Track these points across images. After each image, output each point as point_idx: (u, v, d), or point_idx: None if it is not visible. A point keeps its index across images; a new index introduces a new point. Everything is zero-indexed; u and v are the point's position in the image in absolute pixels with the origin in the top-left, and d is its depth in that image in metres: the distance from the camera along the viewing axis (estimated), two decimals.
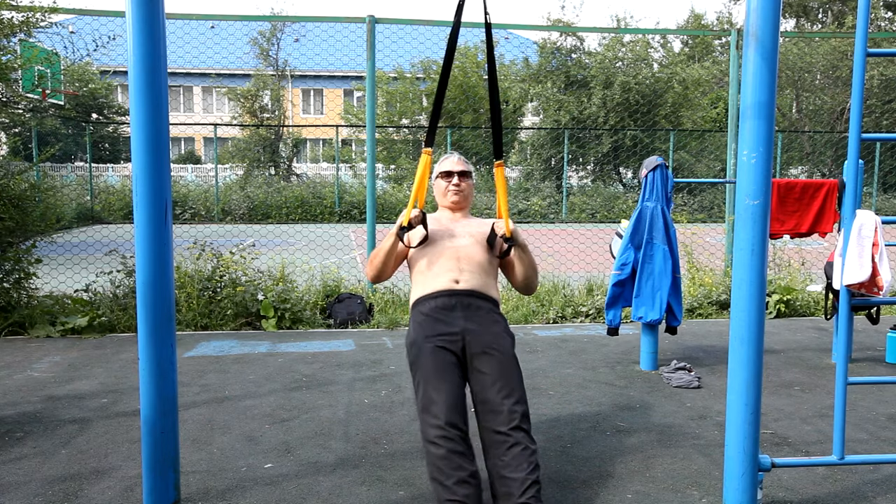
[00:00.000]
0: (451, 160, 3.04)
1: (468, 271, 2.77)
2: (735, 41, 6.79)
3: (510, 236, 2.77)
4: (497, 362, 2.54)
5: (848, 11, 26.59)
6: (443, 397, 2.40)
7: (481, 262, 2.82)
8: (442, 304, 2.69)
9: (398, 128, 24.87)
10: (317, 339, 5.30)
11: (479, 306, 2.71)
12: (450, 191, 2.98)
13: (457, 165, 3.00)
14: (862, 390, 4.01)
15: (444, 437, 2.31)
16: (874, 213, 2.63)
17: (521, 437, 2.37)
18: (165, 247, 2.24)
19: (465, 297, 2.71)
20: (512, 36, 29.07)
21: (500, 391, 2.46)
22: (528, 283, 2.95)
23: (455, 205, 3.00)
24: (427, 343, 2.58)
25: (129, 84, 2.17)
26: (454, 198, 2.98)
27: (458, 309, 2.68)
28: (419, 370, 2.53)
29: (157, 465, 2.26)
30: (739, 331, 2.38)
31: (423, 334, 2.62)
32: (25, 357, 4.71)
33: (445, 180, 2.99)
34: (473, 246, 2.85)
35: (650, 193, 4.40)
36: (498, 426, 2.39)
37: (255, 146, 24.41)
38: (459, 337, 2.60)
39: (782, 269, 6.92)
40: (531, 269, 2.91)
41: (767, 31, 2.25)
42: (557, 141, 20.75)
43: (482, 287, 2.77)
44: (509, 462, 2.31)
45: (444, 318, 2.65)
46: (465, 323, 2.64)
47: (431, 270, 2.78)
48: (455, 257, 2.79)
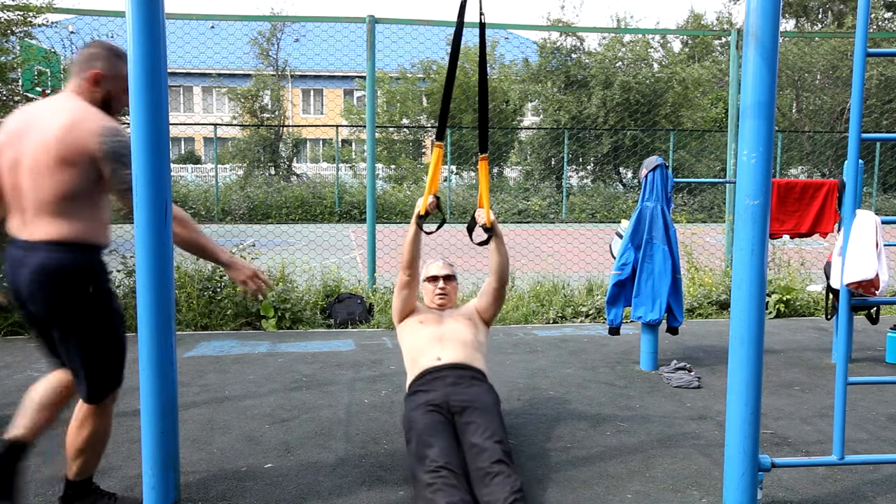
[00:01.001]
0: (436, 265, 3.33)
1: (450, 348, 2.99)
2: (735, 41, 6.79)
3: (490, 226, 3.02)
4: (479, 413, 2.69)
5: (848, 11, 26.59)
6: (436, 446, 2.50)
7: (464, 339, 3.05)
8: (427, 380, 2.89)
9: (398, 128, 24.86)
10: (317, 339, 5.29)
11: (461, 375, 2.89)
12: (436, 295, 3.26)
13: (441, 270, 3.30)
14: (862, 390, 4.01)
15: (438, 476, 2.37)
16: (874, 213, 2.63)
17: (502, 469, 2.43)
18: (165, 247, 2.24)
19: (448, 370, 2.91)
20: (512, 36, 29.03)
21: (482, 433, 2.58)
22: (501, 272, 3.17)
23: (441, 306, 3.27)
24: (417, 411, 2.74)
25: (129, 84, 2.17)
26: (440, 301, 3.27)
27: (440, 380, 2.87)
28: (412, 431, 2.66)
29: (157, 465, 2.26)
30: (739, 331, 2.38)
31: (413, 407, 2.79)
32: (25, 357, 4.71)
33: (432, 284, 3.28)
34: (457, 326, 3.09)
35: (650, 193, 4.40)
36: (482, 463, 2.47)
37: (255, 146, 24.38)
38: (444, 400, 2.77)
39: (782, 269, 6.91)
40: (505, 259, 3.16)
41: (767, 31, 2.25)
42: (557, 141, 20.75)
43: (465, 359, 2.98)
44: (493, 490, 2.37)
45: (429, 389, 2.84)
46: (448, 388, 2.82)
47: (417, 354, 3.03)
48: (438, 338, 3.04)
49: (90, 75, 2.31)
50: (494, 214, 3.06)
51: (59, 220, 2.22)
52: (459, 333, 3.06)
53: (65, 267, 2.22)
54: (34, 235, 2.23)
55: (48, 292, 2.23)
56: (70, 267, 2.23)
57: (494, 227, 3.05)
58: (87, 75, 2.32)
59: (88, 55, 2.34)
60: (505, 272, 3.19)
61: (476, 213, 3.07)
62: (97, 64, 2.32)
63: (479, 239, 3.09)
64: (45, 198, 2.20)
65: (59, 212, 2.21)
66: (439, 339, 3.04)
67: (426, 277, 3.31)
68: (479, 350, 3.09)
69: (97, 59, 2.33)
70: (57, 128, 2.19)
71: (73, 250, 2.24)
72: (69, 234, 2.23)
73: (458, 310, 3.28)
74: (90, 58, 2.33)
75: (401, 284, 3.16)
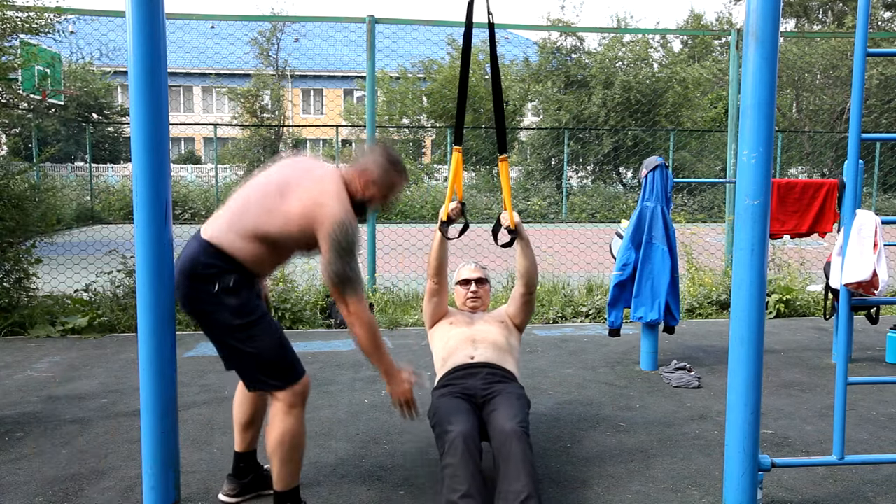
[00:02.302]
0: (467, 268, 3.24)
1: (483, 348, 2.91)
2: (735, 41, 6.79)
3: (514, 228, 2.94)
4: (506, 399, 2.62)
5: (848, 11, 26.59)
6: (459, 423, 2.44)
7: (496, 341, 2.96)
8: (458, 375, 2.81)
9: (399, 128, 24.85)
10: (317, 339, 5.29)
11: (492, 373, 2.81)
12: (468, 299, 3.18)
13: (473, 273, 3.21)
14: (862, 390, 4.01)
15: (458, 452, 2.33)
16: (874, 214, 2.63)
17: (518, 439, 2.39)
18: (165, 247, 2.23)
19: (481, 367, 2.83)
20: (512, 36, 29.02)
21: (506, 413, 2.52)
22: (528, 275, 3.05)
23: (473, 309, 3.18)
24: (444, 398, 2.68)
25: (129, 84, 2.17)
26: (473, 304, 3.18)
27: (472, 378, 2.78)
28: (437, 414, 2.60)
29: (157, 465, 2.25)
30: (739, 331, 2.38)
31: (440, 396, 2.73)
32: (25, 357, 4.71)
33: (464, 288, 3.19)
34: (489, 328, 3.02)
35: (650, 193, 4.40)
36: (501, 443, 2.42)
37: (256, 146, 24.38)
38: (473, 392, 2.70)
39: (782, 269, 6.91)
40: (532, 263, 3.04)
41: (767, 30, 2.25)
42: (557, 141, 20.74)
43: (498, 360, 2.88)
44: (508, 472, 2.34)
45: (461, 384, 2.76)
46: (480, 384, 2.74)
47: (448, 354, 2.95)
48: (471, 339, 2.95)
49: (365, 178, 2.45)
50: (518, 217, 3.01)
51: (241, 238, 2.31)
52: (492, 335, 2.99)
53: (199, 261, 2.29)
54: (207, 234, 2.34)
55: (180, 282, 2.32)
56: (203, 262, 2.29)
57: (519, 229, 2.99)
58: (363, 175, 2.45)
59: (373, 158, 2.48)
60: (532, 277, 3.08)
61: (501, 216, 3.01)
62: (376, 171, 2.45)
63: (503, 241, 3.04)
64: (251, 218, 2.32)
65: (248, 236, 2.31)
66: (472, 340, 2.97)
67: (458, 281, 3.24)
68: (511, 354, 3.01)
69: (376, 165, 2.46)
70: (308, 182, 2.34)
71: (218, 255, 2.30)
72: (232, 247, 2.30)
73: (490, 313, 3.20)
74: (373, 162, 2.47)
75: (430, 293, 3.09)
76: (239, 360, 2.36)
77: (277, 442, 2.34)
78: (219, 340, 2.38)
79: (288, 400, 2.35)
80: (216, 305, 2.29)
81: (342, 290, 2.30)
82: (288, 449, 2.35)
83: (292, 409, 2.36)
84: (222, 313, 2.29)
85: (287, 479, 2.38)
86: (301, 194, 2.31)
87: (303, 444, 2.40)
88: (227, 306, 2.29)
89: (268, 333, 2.35)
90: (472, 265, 3.27)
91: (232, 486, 2.64)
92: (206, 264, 2.28)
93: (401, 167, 2.52)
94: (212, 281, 2.28)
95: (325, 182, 2.35)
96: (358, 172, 2.46)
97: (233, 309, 2.29)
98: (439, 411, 2.60)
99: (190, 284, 2.30)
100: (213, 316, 2.31)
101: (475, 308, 3.18)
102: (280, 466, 2.36)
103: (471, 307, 3.18)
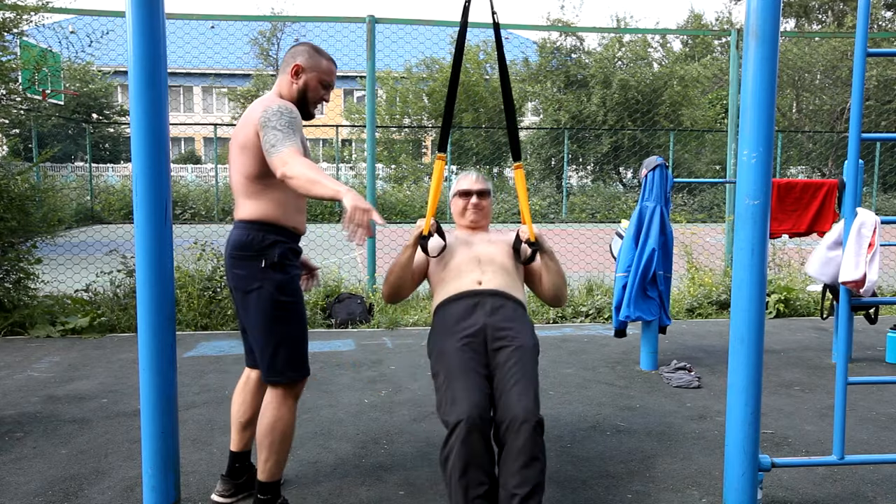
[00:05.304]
0: (469, 178, 2.90)
1: (491, 272, 2.66)
2: (735, 41, 6.79)
3: (535, 241, 2.70)
4: (520, 368, 2.37)
5: (848, 11, 26.59)
6: (464, 402, 2.22)
7: (504, 264, 2.72)
8: (464, 305, 2.57)
9: (399, 128, 24.86)
10: (317, 339, 5.29)
11: (502, 304, 2.57)
12: (468, 210, 2.85)
13: (475, 184, 2.87)
14: (862, 390, 4.01)
15: (465, 434, 2.14)
16: (874, 213, 2.63)
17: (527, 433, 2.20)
18: (165, 247, 2.24)
19: (489, 296, 2.58)
20: (512, 36, 29.04)
21: (518, 392, 2.28)
22: (556, 291, 2.80)
23: (474, 223, 2.87)
24: (449, 344, 2.46)
25: (129, 84, 2.17)
26: (473, 217, 2.85)
27: (480, 307, 2.55)
28: (442, 370, 2.41)
29: (157, 465, 2.26)
30: (739, 331, 2.38)
31: (446, 335, 2.51)
32: (25, 357, 4.71)
33: (463, 199, 2.86)
34: (495, 250, 2.76)
35: (649, 193, 4.40)
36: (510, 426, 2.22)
37: None
38: (481, 331, 2.48)
39: (782, 269, 6.92)
40: (559, 277, 2.78)
41: (768, 30, 2.25)
42: (557, 141, 20.75)
43: (507, 287, 2.65)
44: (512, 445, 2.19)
45: (467, 316, 2.54)
46: (487, 318, 2.51)
47: (453, 275, 2.68)
48: (477, 260, 2.70)
49: (294, 70, 2.45)
50: (538, 229, 2.76)
51: (247, 201, 2.38)
52: (499, 258, 2.72)
53: (241, 241, 2.36)
54: (236, 216, 2.44)
55: (229, 266, 2.40)
56: (244, 241, 2.35)
57: (540, 241, 2.72)
58: (290, 71, 2.46)
59: (292, 52, 2.51)
60: (560, 293, 2.81)
61: (519, 230, 2.76)
62: (298, 58, 2.47)
63: (524, 257, 2.79)
64: (234, 184, 2.42)
65: (247, 194, 2.37)
66: (477, 261, 2.69)
67: (457, 191, 2.89)
68: (519, 280, 2.72)
69: (299, 53, 2.49)
70: (242, 118, 2.41)
71: (252, 228, 2.36)
72: (252, 214, 2.37)
73: (490, 234, 2.88)
74: (293, 53, 2.50)
75: (394, 289, 2.77)
76: (273, 344, 2.35)
77: (269, 428, 2.36)
78: (257, 324, 2.36)
79: (288, 392, 2.39)
80: (263, 281, 2.33)
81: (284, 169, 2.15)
82: (278, 437, 2.37)
83: (286, 401, 2.39)
84: (267, 288, 2.33)
85: (272, 469, 2.40)
86: (244, 123, 2.38)
87: (291, 436, 2.41)
88: (273, 280, 2.33)
89: (300, 321, 2.42)
90: (474, 175, 2.91)
91: (226, 487, 2.63)
92: (244, 241, 2.35)
93: (321, 50, 2.53)
94: (258, 258, 2.34)
95: (258, 102, 2.41)
96: (284, 74, 2.47)
97: (278, 283, 2.34)
98: (442, 362, 2.40)
99: (235, 264, 2.37)
100: (259, 291, 2.33)
101: (475, 223, 2.87)
102: (267, 454, 2.37)
103: (471, 220, 2.86)
